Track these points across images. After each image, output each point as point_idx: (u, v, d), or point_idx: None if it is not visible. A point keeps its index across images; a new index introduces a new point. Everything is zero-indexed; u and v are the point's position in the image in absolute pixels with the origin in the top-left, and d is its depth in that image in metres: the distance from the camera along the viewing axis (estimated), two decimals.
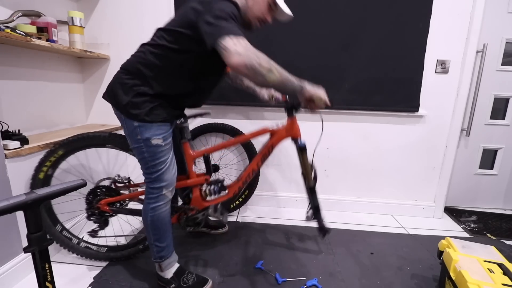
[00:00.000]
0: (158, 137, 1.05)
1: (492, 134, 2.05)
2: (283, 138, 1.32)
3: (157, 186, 1.09)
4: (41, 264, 0.69)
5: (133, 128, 1.04)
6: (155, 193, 1.10)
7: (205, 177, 1.33)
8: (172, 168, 1.12)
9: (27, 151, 1.23)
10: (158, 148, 1.06)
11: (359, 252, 1.52)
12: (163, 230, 1.14)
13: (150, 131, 1.04)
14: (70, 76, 1.82)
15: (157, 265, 1.18)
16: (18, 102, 1.46)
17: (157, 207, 1.11)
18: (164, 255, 1.16)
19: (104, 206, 1.32)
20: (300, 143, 1.32)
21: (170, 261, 1.18)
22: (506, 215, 2.08)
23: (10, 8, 1.39)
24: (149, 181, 1.10)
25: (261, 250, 1.51)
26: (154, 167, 1.07)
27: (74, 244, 1.37)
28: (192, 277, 1.20)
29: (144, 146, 1.05)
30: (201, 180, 1.32)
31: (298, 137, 1.32)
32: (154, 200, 1.10)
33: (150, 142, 1.04)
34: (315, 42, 1.78)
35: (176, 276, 1.18)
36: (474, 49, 1.76)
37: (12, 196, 0.64)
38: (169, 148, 1.11)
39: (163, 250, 1.15)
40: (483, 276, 1.01)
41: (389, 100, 1.84)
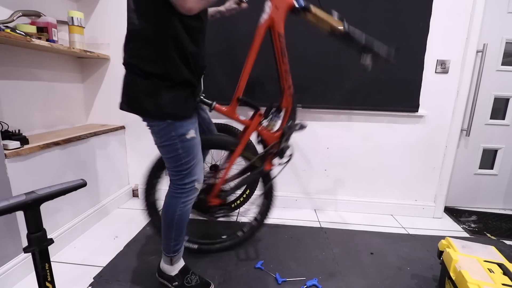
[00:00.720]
0: (192, 130, 1.03)
1: (492, 134, 2.05)
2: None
3: (189, 181, 1.07)
4: (41, 264, 0.69)
5: (166, 125, 0.99)
6: (187, 187, 1.07)
7: (258, 114, 1.33)
8: (201, 161, 1.11)
9: (27, 151, 1.23)
10: (192, 142, 1.04)
11: (359, 252, 1.52)
12: (184, 225, 1.13)
13: (184, 126, 1.01)
14: (70, 76, 1.82)
15: (168, 259, 1.16)
16: (18, 102, 1.46)
17: (188, 201, 1.09)
18: (178, 249, 1.16)
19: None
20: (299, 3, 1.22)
21: (180, 255, 1.19)
22: (506, 215, 2.08)
23: (10, 8, 1.39)
24: (180, 178, 1.06)
25: (261, 250, 1.51)
26: (188, 162, 1.05)
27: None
28: (196, 278, 1.19)
29: (179, 142, 1.01)
30: (257, 119, 1.33)
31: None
32: (186, 194, 1.08)
33: (185, 137, 1.02)
34: (315, 42, 1.78)
35: (181, 274, 1.18)
36: (474, 49, 1.76)
37: (12, 196, 0.64)
38: (199, 140, 1.09)
39: (179, 243, 1.15)
40: (483, 276, 1.01)
41: (389, 100, 1.84)
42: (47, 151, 1.35)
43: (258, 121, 1.33)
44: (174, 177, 1.07)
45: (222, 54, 1.83)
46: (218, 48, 1.82)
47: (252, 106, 1.36)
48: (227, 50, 1.82)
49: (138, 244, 1.53)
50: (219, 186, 1.36)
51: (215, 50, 1.81)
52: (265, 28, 1.25)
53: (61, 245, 1.46)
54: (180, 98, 0.99)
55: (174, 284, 1.16)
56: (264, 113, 1.35)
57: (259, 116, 1.33)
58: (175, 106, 0.98)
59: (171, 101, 0.97)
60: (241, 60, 1.32)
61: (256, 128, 1.34)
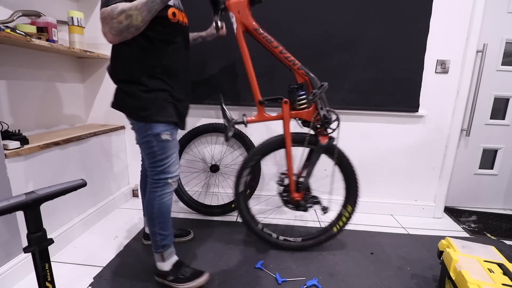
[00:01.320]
0: (167, 133, 1.12)
1: (492, 134, 2.05)
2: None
3: (163, 177, 1.16)
4: (41, 264, 0.69)
5: (143, 125, 1.11)
6: (161, 182, 1.16)
7: (283, 102, 1.37)
8: (176, 162, 1.19)
9: (27, 151, 1.23)
10: (167, 143, 1.13)
11: (359, 252, 1.52)
12: (167, 218, 1.20)
13: (160, 127, 1.11)
14: (70, 76, 1.82)
15: (159, 255, 1.21)
16: (18, 102, 1.46)
17: (164, 195, 1.17)
18: (166, 244, 1.21)
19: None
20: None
21: (171, 250, 1.24)
22: (506, 215, 2.08)
23: (10, 8, 1.39)
24: (155, 173, 1.16)
25: (261, 250, 1.51)
26: (162, 160, 1.14)
27: (274, 239, 1.51)
28: (190, 270, 1.24)
29: (154, 141, 1.11)
30: (285, 107, 1.37)
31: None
32: (160, 188, 1.16)
33: (160, 137, 1.11)
34: (314, 42, 1.78)
35: (175, 268, 1.23)
36: (474, 49, 1.76)
37: (12, 196, 0.64)
38: (176, 144, 1.18)
39: (166, 238, 1.21)
40: (483, 276, 1.01)
41: (389, 100, 1.84)
42: (47, 151, 1.35)
43: (288, 108, 1.37)
44: (151, 173, 1.17)
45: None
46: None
47: (274, 101, 1.39)
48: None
49: (138, 244, 1.53)
50: (293, 182, 1.43)
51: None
52: (242, 33, 1.32)
53: (61, 245, 1.46)
54: (155, 102, 1.09)
55: (168, 279, 1.21)
56: (289, 98, 1.38)
57: (285, 104, 1.37)
58: (150, 109, 1.09)
59: (146, 104, 1.09)
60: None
61: (289, 115, 1.37)
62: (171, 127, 1.14)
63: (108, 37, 0.95)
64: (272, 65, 1.74)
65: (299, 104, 1.37)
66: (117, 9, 0.91)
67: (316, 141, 1.39)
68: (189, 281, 1.19)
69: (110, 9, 0.91)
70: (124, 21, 0.92)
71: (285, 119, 1.37)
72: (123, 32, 0.94)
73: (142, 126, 1.12)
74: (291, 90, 1.38)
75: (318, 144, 1.39)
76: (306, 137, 1.39)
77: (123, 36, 0.96)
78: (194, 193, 2.02)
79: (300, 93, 1.37)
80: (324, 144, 1.38)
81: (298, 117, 1.39)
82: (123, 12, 0.91)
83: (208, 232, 1.68)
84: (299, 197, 1.44)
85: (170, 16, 1.06)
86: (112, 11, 0.91)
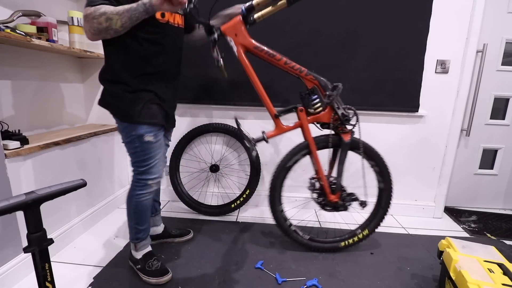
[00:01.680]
0: (150, 134, 1.14)
1: (492, 134, 2.05)
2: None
3: (144, 177, 1.18)
4: (41, 264, 0.69)
5: (127, 125, 1.13)
6: (141, 183, 1.19)
7: (299, 110, 1.38)
8: (160, 163, 1.21)
9: (27, 151, 1.23)
10: (150, 144, 1.15)
11: (359, 252, 1.52)
12: (144, 215, 1.26)
13: (143, 129, 1.12)
14: (70, 76, 1.82)
15: (132, 245, 1.30)
16: (18, 102, 1.46)
17: (142, 194, 1.20)
18: (140, 237, 1.28)
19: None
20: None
21: (144, 243, 1.30)
22: (506, 215, 2.08)
23: (10, 8, 1.39)
24: (137, 173, 1.19)
25: (261, 250, 1.51)
26: (145, 161, 1.16)
27: (303, 239, 1.51)
28: (157, 264, 1.28)
29: (138, 142, 1.13)
30: (301, 115, 1.38)
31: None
32: (140, 188, 1.20)
33: (143, 138, 1.13)
34: (314, 42, 1.78)
35: (144, 259, 1.28)
36: (474, 49, 1.76)
37: (12, 196, 0.64)
38: (159, 145, 1.19)
39: (140, 232, 1.28)
40: (483, 276, 1.01)
41: (389, 100, 1.84)
42: (47, 151, 1.35)
43: (305, 115, 1.38)
44: (134, 172, 1.20)
45: None
46: None
47: (289, 110, 1.39)
48: None
49: None
50: (326, 184, 1.43)
51: None
52: (243, 53, 1.31)
53: (61, 245, 1.46)
54: (139, 102, 1.11)
55: (137, 267, 1.28)
56: (303, 105, 1.38)
57: (301, 112, 1.37)
58: (134, 110, 1.10)
59: (130, 105, 1.10)
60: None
61: (307, 121, 1.38)
62: (155, 129, 1.15)
63: (87, 35, 0.99)
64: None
65: (314, 109, 1.37)
66: (99, 10, 0.94)
67: (339, 140, 1.40)
68: (152, 276, 1.24)
69: (93, 9, 0.94)
70: (103, 23, 0.95)
71: (304, 126, 1.38)
72: (101, 32, 0.97)
73: (126, 127, 1.13)
74: (303, 97, 1.38)
75: (342, 143, 1.40)
76: (329, 138, 1.40)
77: (102, 36, 0.99)
78: (194, 193, 2.02)
79: (313, 97, 1.36)
80: (348, 141, 1.39)
81: (316, 121, 1.39)
82: (104, 15, 0.94)
83: (208, 232, 1.68)
84: (337, 198, 1.44)
85: (159, 16, 1.07)
86: (94, 12, 0.94)
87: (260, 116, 1.94)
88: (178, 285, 1.23)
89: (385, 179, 1.49)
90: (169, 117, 1.25)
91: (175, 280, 1.26)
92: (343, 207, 1.45)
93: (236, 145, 2.00)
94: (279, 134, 1.40)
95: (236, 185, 2.06)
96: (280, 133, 1.40)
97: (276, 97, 1.89)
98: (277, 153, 1.99)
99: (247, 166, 1.98)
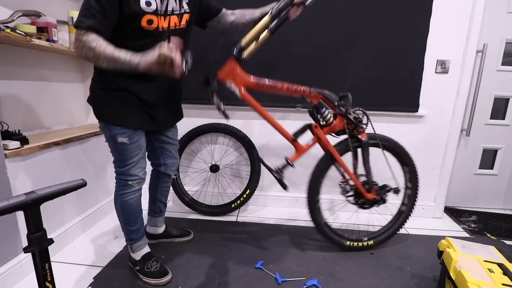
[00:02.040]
0: (123, 136, 1.12)
1: (492, 134, 2.05)
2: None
3: (124, 178, 1.18)
4: (41, 264, 0.69)
5: (104, 125, 1.14)
6: (122, 182, 1.19)
7: (314, 127, 1.41)
8: (138, 166, 1.18)
9: (27, 151, 1.23)
10: (124, 146, 1.14)
11: (359, 252, 1.52)
12: (132, 215, 1.24)
13: (117, 130, 1.12)
14: (70, 76, 1.82)
15: (128, 246, 1.30)
16: (18, 102, 1.46)
17: (125, 194, 1.20)
18: (133, 238, 1.27)
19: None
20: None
21: (139, 244, 1.29)
22: (506, 215, 2.08)
23: (10, 8, 1.39)
24: (118, 172, 1.20)
25: (261, 250, 1.51)
26: (122, 161, 1.16)
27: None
28: (156, 265, 1.27)
29: (112, 142, 1.14)
30: (317, 130, 1.41)
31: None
32: (121, 188, 1.20)
33: (117, 139, 1.12)
34: (314, 42, 1.78)
35: (143, 260, 1.28)
36: (474, 49, 1.76)
37: (12, 196, 0.64)
38: (136, 147, 1.16)
39: (132, 233, 1.26)
40: (483, 276, 1.01)
41: (389, 100, 1.84)
42: (47, 151, 1.35)
43: (320, 130, 1.40)
44: (115, 171, 1.21)
45: None
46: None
47: (304, 130, 1.43)
48: None
49: None
50: (359, 185, 1.46)
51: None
52: (246, 92, 1.33)
53: (61, 245, 1.46)
54: (113, 102, 1.10)
55: (136, 268, 1.28)
56: (315, 121, 1.41)
57: (315, 128, 1.40)
58: (107, 109, 1.11)
59: (104, 104, 1.12)
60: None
61: (324, 133, 1.41)
62: (131, 131, 1.13)
63: (75, 52, 0.98)
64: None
65: (326, 121, 1.39)
66: (89, 43, 0.92)
67: (358, 141, 1.43)
68: (151, 278, 1.23)
69: (85, 38, 0.92)
70: (90, 56, 0.95)
71: (322, 140, 1.41)
72: (89, 61, 0.98)
73: (103, 126, 1.14)
74: (312, 112, 1.41)
75: (362, 143, 1.42)
76: (349, 143, 1.42)
77: (90, 62, 1.00)
78: (194, 193, 2.02)
79: (322, 111, 1.38)
80: (366, 139, 1.42)
81: (332, 131, 1.42)
82: (92, 51, 0.93)
83: (208, 232, 1.68)
84: (373, 195, 1.47)
85: (145, 25, 1.01)
86: (85, 42, 0.93)
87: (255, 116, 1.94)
88: (178, 285, 1.23)
89: (408, 165, 1.54)
90: (158, 120, 1.20)
91: (175, 280, 1.26)
92: (382, 201, 1.49)
93: (236, 145, 2.00)
94: (302, 155, 1.43)
95: (236, 185, 2.07)
96: (302, 154, 1.43)
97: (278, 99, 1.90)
98: (278, 153, 1.99)
99: (247, 166, 1.98)
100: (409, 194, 1.57)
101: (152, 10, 1.01)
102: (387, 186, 1.50)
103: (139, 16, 0.99)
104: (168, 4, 1.06)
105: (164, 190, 1.46)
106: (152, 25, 1.03)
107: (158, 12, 1.03)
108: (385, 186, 1.49)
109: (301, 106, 1.87)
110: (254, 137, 1.91)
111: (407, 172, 1.55)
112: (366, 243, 1.53)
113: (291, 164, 1.41)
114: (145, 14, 1.00)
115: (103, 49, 0.93)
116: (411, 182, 1.56)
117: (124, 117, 1.11)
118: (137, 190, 1.22)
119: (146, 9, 0.99)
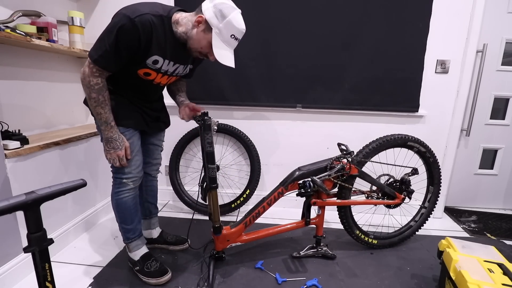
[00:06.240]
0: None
1: (492, 134, 2.05)
2: None
3: (118, 176, 1.19)
4: (41, 264, 0.69)
5: (98, 125, 1.14)
6: (117, 181, 1.20)
7: (312, 202, 1.43)
8: (133, 164, 1.19)
9: (27, 151, 1.23)
10: None
11: (359, 252, 1.52)
12: (127, 214, 1.24)
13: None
14: (70, 76, 1.82)
15: (126, 246, 1.30)
16: (18, 102, 1.46)
17: (120, 192, 1.20)
18: (130, 237, 1.27)
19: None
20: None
21: (137, 243, 1.29)
22: (506, 215, 2.08)
23: (10, 8, 1.39)
24: (112, 171, 1.21)
25: (261, 250, 1.51)
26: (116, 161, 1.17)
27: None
28: (156, 265, 1.27)
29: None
30: (319, 206, 1.44)
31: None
32: (117, 186, 1.21)
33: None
34: (315, 42, 1.78)
35: (142, 260, 1.28)
36: (474, 49, 1.76)
37: (12, 196, 0.64)
38: (130, 146, 1.17)
39: (129, 232, 1.26)
40: (483, 276, 1.01)
41: (389, 100, 1.84)
42: (47, 151, 1.35)
43: (319, 200, 1.40)
44: (111, 170, 1.22)
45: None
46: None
47: (308, 207, 1.43)
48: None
49: None
50: (384, 202, 1.53)
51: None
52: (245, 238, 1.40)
53: (61, 245, 1.46)
54: (111, 104, 1.10)
55: (136, 269, 1.27)
56: (308, 195, 1.40)
57: (317, 200, 1.40)
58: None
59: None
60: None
61: (324, 198, 1.41)
62: (125, 129, 1.15)
63: (81, 76, 1.04)
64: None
65: (320, 191, 1.39)
66: (94, 87, 1.02)
67: (353, 177, 1.44)
68: (152, 277, 1.23)
69: (94, 80, 1.01)
70: (88, 97, 1.04)
71: (327, 204, 1.41)
72: (86, 91, 1.04)
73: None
74: (300, 193, 1.41)
75: (358, 175, 1.45)
76: (345, 181, 1.42)
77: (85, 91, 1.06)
78: (194, 193, 2.02)
79: (307, 185, 1.38)
80: (358, 171, 1.44)
81: (327, 192, 1.40)
82: (91, 94, 1.02)
83: (208, 232, 1.68)
84: (401, 197, 1.54)
85: (141, 75, 1.10)
86: (90, 82, 1.01)
87: (261, 116, 1.95)
88: (178, 285, 1.23)
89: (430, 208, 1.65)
90: (150, 123, 1.26)
91: (175, 280, 1.26)
92: (409, 194, 1.55)
93: (236, 145, 2.00)
94: (322, 225, 1.45)
95: (236, 185, 2.06)
96: (322, 224, 1.45)
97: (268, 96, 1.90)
98: (278, 153, 1.99)
99: (247, 166, 1.98)
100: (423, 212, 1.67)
101: (155, 68, 1.09)
102: (404, 179, 1.54)
103: (139, 66, 1.07)
104: (177, 69, 1.17)
105: (149, 190, 1.45)
106: (148, 77, 1.12)
107: (162, 71, 1.12)
108: (403, 180, 1.54)
109: (301, 106, 1.87)
110: (254, 137, 1.91)
111: (430, 191, 1.64)
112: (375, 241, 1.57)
113: (331, 255, 1.46)
114: (146, 68, 1.08)
115: (99, 101, 1.04)
116: (430, 202, 1.65)
117: (120, 116, 1.13)
118: (132, 189, 1.22)
119: (149, 65, 1.07)
